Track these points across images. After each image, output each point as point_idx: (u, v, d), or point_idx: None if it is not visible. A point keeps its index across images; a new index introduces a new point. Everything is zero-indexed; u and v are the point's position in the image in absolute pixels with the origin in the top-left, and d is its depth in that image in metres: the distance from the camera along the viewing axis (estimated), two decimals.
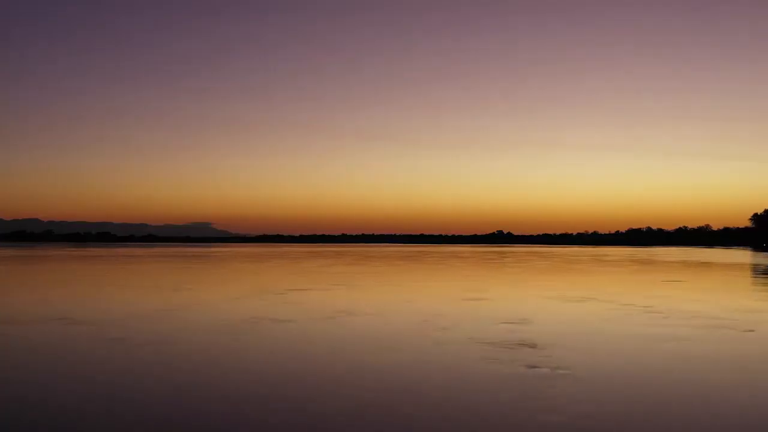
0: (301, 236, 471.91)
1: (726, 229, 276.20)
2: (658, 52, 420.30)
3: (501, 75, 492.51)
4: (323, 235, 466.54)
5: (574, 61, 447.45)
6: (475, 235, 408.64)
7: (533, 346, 12.75)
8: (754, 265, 58.41)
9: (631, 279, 36.10)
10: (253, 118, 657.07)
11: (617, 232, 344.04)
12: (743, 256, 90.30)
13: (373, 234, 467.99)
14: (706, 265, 57.47)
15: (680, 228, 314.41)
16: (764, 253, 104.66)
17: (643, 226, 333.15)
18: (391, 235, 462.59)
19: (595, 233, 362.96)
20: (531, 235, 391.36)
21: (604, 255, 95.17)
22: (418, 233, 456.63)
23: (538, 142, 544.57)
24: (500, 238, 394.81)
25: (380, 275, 39.13)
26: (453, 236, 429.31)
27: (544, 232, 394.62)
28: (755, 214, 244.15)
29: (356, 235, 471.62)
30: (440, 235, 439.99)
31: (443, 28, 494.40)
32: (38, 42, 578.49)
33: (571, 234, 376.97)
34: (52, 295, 24.32)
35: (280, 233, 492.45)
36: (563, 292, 26.15)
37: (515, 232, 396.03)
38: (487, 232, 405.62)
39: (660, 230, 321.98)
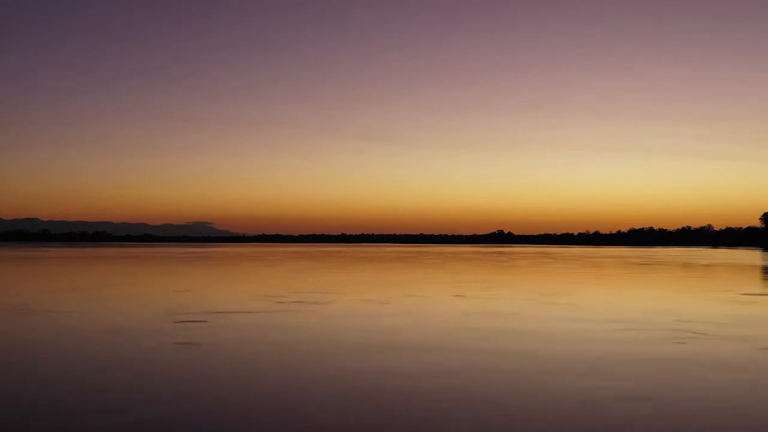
0: (300, 236, 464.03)
1: (729, 229, 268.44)
2: (658, 52, 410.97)
3: (501, 75, 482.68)
4: (323, 235, 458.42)
5: (574, 61, 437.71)
6: (475, 235, 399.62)
7: None
8: None
9: (711, 294, 26.98)
10: (253, 118, 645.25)
11: (618, 232, 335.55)
12: None
13: (372, 234, 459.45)
14: (754, 268, 48.38)
15: (682, 228, 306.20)
16: None
17: (644, 226, 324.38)
18: (390, 235, 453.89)
19: (596, 233, 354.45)
20: (532, 235, 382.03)
21: (620, 256, 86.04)
22: (418, 233, 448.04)
23: (538, 142, 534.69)
24: (500, 237, 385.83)
25: (363, 284, 30.04)
26: (453, 236, 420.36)
27: (544, 232, 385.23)
28: (766, 214, 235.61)
29: (356, 235, 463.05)
30: (440, 235, 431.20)
31: (443, 28, 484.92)
32: (38, 41, 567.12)
33: (572, 234, 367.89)
34: None
35: (279, 233, 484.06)
36: (668, 324, 17.02)
37: (515, 232, 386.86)
38: (487, 232, 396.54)
39: (662, 230, 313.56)
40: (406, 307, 19.62)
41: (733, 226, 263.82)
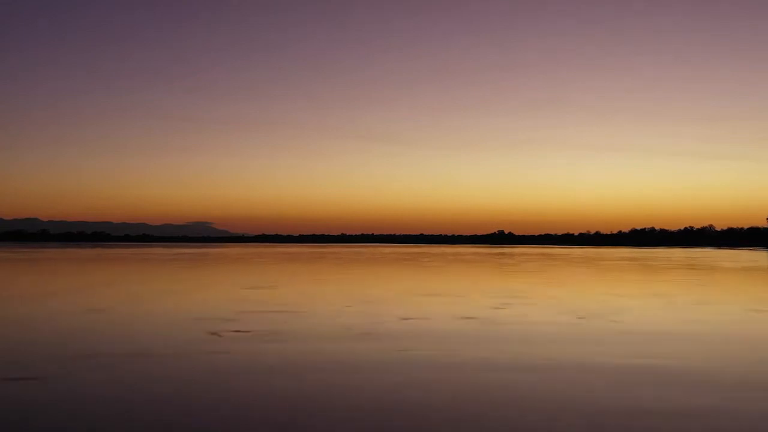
0: (300, 236, 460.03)
1: (731, 230, 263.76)
2: (659, 52, 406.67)
3: (501, 75, 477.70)
4: (323, 235, 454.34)
5: (574, 61, 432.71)
6: (476, 236, 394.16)
7: None
8: None
9: None
10: (253, 118, 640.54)
11: (620, 232, 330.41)
12: None
13: (372, 234, 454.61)
14: None
15: (684, 228, 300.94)
16: None
17: (645, 226, 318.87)
18: (390, 235, 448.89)
19: (597, 233, 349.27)
20: (532, 236, 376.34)
21: (630, 258, 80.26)
22: (418, 233, 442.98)
23: (538, 142, 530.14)
24: (501, 238, 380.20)
25: (347, 298, 24.06)
26: (453, 236, 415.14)
27: (545, 233, 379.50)
28: None
29: (356, 236, 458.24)
30: (440, 235, 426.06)
31: (443, 28, 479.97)
32: (38, 41, 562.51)
33: (573, 234, 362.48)
34: None
35: (279, 233, 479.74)
36: None
37: (516, 233, 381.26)
38: (488, 233, 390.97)
39: (663, 230, 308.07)
40: (398, 344, 13.67)
41: (735, 227, 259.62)
